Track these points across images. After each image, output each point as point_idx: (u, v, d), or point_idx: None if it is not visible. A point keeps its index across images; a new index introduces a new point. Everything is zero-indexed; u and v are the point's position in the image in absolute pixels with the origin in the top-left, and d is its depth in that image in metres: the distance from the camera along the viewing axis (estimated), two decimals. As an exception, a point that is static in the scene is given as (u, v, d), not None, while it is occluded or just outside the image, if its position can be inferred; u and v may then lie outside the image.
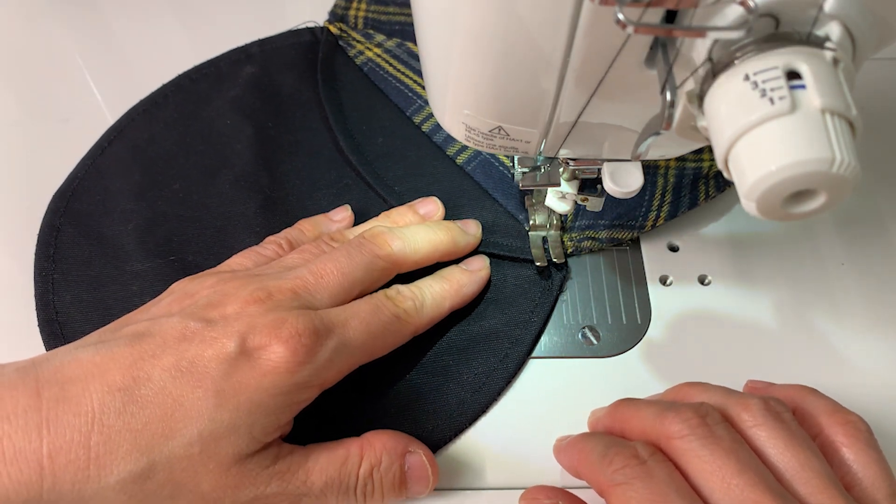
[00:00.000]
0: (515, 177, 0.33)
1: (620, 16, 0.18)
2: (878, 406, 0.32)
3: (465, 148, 0.41)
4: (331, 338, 0.28)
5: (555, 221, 0.37)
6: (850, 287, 0.37)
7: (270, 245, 0.35)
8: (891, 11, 0.20)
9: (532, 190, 0.36)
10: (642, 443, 0.25)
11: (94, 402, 0.25)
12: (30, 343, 0.35)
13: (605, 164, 0.30)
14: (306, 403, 0.29)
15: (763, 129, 0.18)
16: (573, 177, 0.33)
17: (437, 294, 0.34)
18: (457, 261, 0.36)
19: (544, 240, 0.37)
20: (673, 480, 0.24)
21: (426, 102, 0.43)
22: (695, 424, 0.25)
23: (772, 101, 0.18)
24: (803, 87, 0.18)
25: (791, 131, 0.18)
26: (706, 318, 0.36)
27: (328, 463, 0.28)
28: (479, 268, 0.36)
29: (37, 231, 0.39)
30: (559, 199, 0.34)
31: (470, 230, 0.37)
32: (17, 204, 0.40)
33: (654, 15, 0.20)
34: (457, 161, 0.40)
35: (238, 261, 0.34)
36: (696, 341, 0.35)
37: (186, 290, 0.31)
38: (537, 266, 0.37)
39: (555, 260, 0.36)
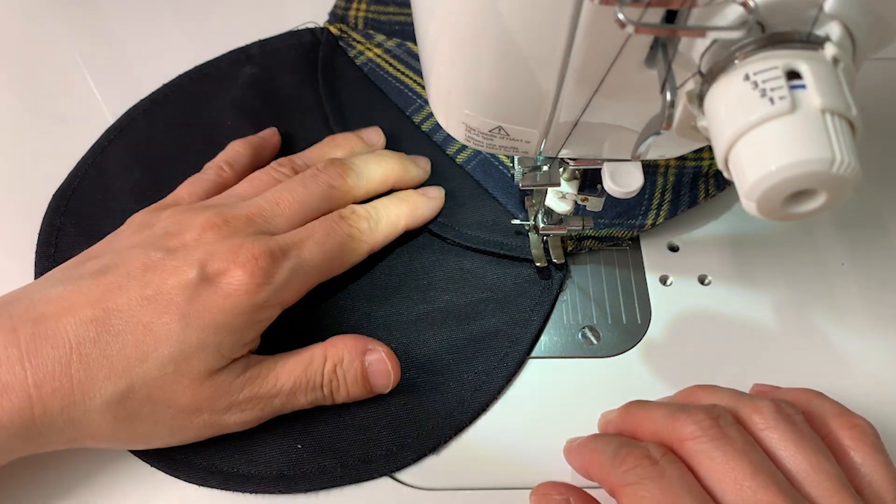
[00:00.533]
0: (515, 177, 0.33)
1: (620, 16, 0.18)
2: (879, 406, 0.32)
3: (464, 147, 0.41)
4: (287, 259, 0.30)
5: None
6: (850, 287, 0.37)
7: (210, 170, 0.36)
8: (891, 11, 0.20)
9: (532, 190, 0.36)
10: (654, 443, 0.25)
11: (69, 334, 0.27)
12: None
13: (605, 164, 0.30)
14: (269, 321, 0.31)
15: (763, 129, 0.18)
16: (573, 177, 0.33)
17: (392, 214, 0.35)
18: None
19: (544, 240, 0.37)
20: (685, 481, 0.24)
21: (426, 102, 0.43)
22: (707, 426, 0.25)
23: (772, 101, 0.18)
24: (803, 87, 0.18)
25: (791, 131, 0.18)
26: (706, 318, 0.36)
27: (295, 365, 0.30)
28: (436, 195, 0.37)
29: (37, 231, 0.39)
30: (559, 199, 0.34)
31: (420, 164, 0.38)
32: (17, 204, 0.40)
33: (654, 15, 0.20)
34: (457, 160, 0.40)
35: (187, 189, 0.35)
36: (696, 341, 0.35)
37: (144, 222, 0.32)
38: (537, 266, 0.37)
39: (555, 260, 0.36)
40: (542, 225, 0.36)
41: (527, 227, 0.37)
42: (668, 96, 0.21)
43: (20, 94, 0.44)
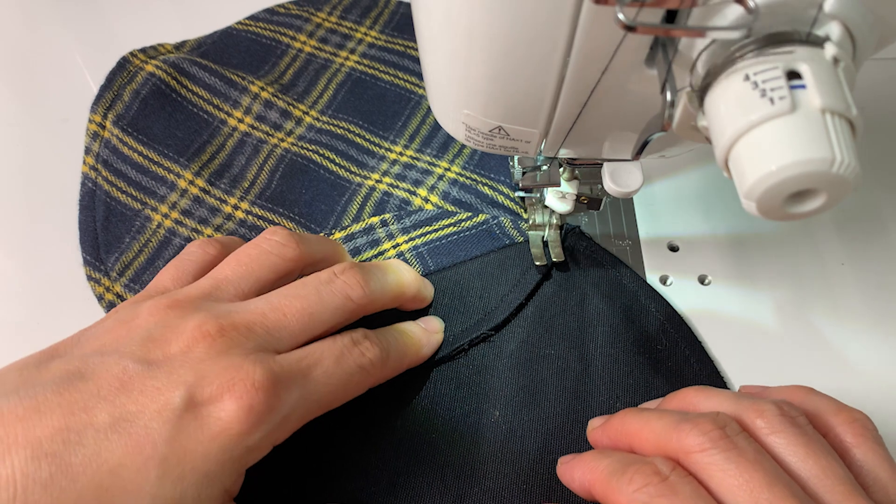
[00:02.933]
0: (515, 176, 0.33)
1: (620, 16, 0.18)
2: (879, 406, 0.32)
3: None
4: (290, 391, 0.25)
5: (554, 221, 0.37)
6: (850, 287, 0.37)
7: (195, 249, 0.31)
8: (891, 11, 0.20)
9: (532, 189, 0.36)
10: (661, 458, 0.24)
11: (16, 471, 0.22)
12: (31, 343, 0.35)
13: (605, 164, 0.30)
14: (253, 462, 0.26)
15: (763, 129, 0.18)
16: (573, 177, 0.33)
17: (399, 346, 0.31)
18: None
19: (544, 240, 0.37)
20: (699, 496, 0.23)
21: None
22: (716, 437, 0.23)
23: (772, 101, 0.18)
24: (803, 87, 0.18)
25: (791, 131, 0.18)
26: (706, 318, 0.36)
27: None
28: (436, 329, 0.33)
29: (36, 231, 0.39)
30: (559, 199, 0.33)
31: (428, 285, 0.35)
32: (16, 204, 0.40)
33: (654, 15, 0.20)
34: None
35: (170, 274, 0.30)
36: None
37: (121, 317, 0.27)
38: (537, 265, 0.37)
39: (554, 259, 0.36)
40: (539, 222, 0.36)
41: (525, 227, 0.38)
42: (668, 96, 0.21)
43: (20, 94, 0.44)
